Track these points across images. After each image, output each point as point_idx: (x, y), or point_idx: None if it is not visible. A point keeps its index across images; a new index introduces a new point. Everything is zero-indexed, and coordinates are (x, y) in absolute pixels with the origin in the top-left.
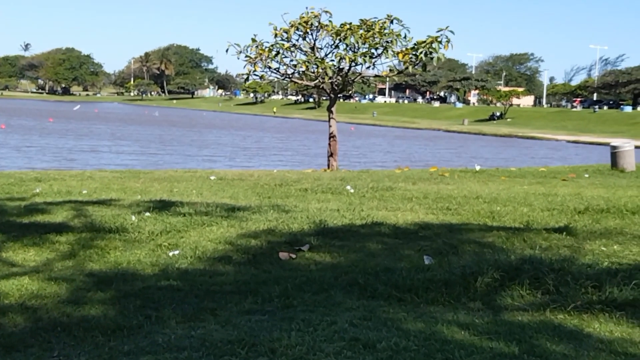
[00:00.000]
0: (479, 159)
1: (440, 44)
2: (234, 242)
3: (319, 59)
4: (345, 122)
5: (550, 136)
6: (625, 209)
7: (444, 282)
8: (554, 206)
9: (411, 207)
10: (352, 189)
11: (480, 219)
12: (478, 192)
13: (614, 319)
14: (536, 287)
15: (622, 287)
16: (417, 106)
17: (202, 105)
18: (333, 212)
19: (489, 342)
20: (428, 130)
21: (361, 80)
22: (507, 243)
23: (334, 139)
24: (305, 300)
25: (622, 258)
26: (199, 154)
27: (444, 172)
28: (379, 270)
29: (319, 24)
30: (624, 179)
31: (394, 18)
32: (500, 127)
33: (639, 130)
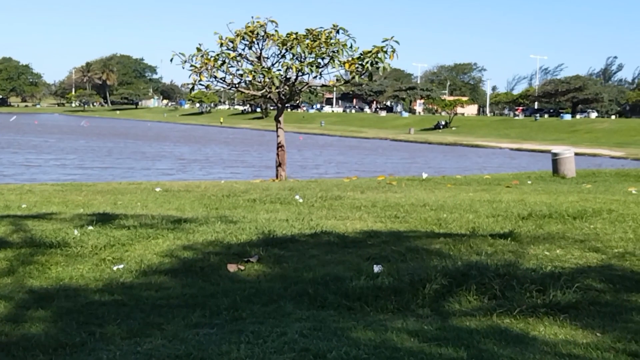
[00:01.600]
0: (425, 167)
1: (385, 53)
2: (181, 255)
3: (266, 69)
4: (293, 131)
5: (494, 144)
6: (567, 214)
7: (393, 289)
8: (498, 212)
9: (360, 216)
10: (301, 199)
11: (428, 226)
12: (425, 199)
13: (558, 322)
14: (483, 292)
15: (565, 290)
16: (364, 115)
17: (146, 116)
18: (282, 222)
19: (438, 348)
20: (375, 139)
21: (308, 89)
22: (454, 249)
23: (282, 149)
24: (254, 312)
25: (564, 262)
26: (144, 167)
27: (392, 181)
28: (329, 280)
29: (265, 34)
30: (565, 185)
31: (340, 28)
32: (446, 135)
33: (579, 137)
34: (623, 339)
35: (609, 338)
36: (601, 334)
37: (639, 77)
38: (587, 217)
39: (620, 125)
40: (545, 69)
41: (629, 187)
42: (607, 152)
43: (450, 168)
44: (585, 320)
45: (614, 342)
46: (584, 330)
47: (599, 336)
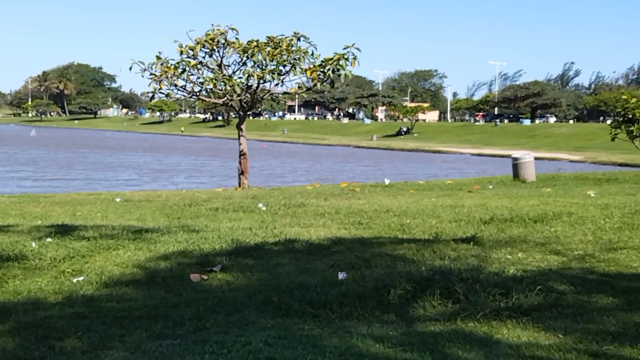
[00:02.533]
0: (388, 173)
1: (347, 61)
2: (143, 266)
3: (227, 77)
4: (255, 139)
5: (455, 150)
6: (528, 217)
7: (358, 296)
8: (461, 217)
9: (324, 223)
10: (264, 207)
11: (391, 232)
12: (388, 205)
13: (521, 325)
14: (447, 296)
15: (528, 293)
16: (327, 123)
17: (105, 125)
18: (245, 230)
19: (403, 353)
20: (338, 146)
21: (270, 97)
22: (418, 255)
23: (244, 157)
24: (218, 322)
25: (526, 265)
26: (103, 177)
27: (355, 187)
28: (293, 288)
29: (225, 41)
30: (526, 189)
31: (301, 35)
32: (408, 141)
33: (538, 142)
34: (585, 339)
35: (571, 339)
36: (563, 336)
37: (595, 82)
38: (547, 220)
39: (578, 130)
40: (504, 75)
41: (587, 190)
42: (566, 156)
43: (412, 174)
44: (547, 322)
45: (576, 343)
46: (547, 332)
47: (561, 338)
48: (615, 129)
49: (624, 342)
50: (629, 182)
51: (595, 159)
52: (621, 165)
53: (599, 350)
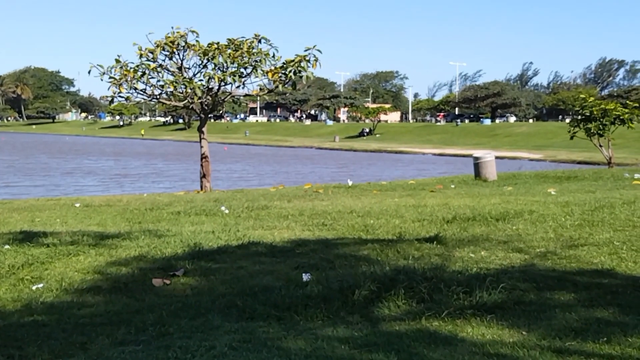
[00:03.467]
0: (351, 174)
1: (308, 62)
2: (104, 271)
3: (187, 79)
4: (217, 142)
5: (417, 150)
6: (490, 216)
7: (323, 297)
8: (424, 217)
9: (287, 225)
10: (226, 210)
11: (355, 233)
12: (352, 206)
13: (485, 322)
14: (411, 296)
15: (491, 291)
16: (289, 124)
17: (64, 130)
18: (208, 234)
19: (369, 354)
20: (301, 148)
21: (231, 99)
22: (382, 255)
23: (206, 160)
24: (181, 327)
25: (489, 263)
26: (62, 182)
27: (318, 189)
28: (257, 291)
29: (185, 44)
30: (487, 188)
31: (262, 37)
32: (370, 142)
33: (499, 141)
34: (548, 336)
35: (535, 336)
36: (527, 333)
37: (554, 81)
38: (509, 218)
39: (537, 129)
40: (464, 75)
41: (548, 188)
42: (526, 154)
43: (375, 174)
44: (511, 319)
45: (539, 339)
46: (510, 330)
47: (524, 335)
48: (574, 127)
49: (586, 337)
50: (589, 180)
51: (555, 157)
52: (580, 163)
53: (562, 346)
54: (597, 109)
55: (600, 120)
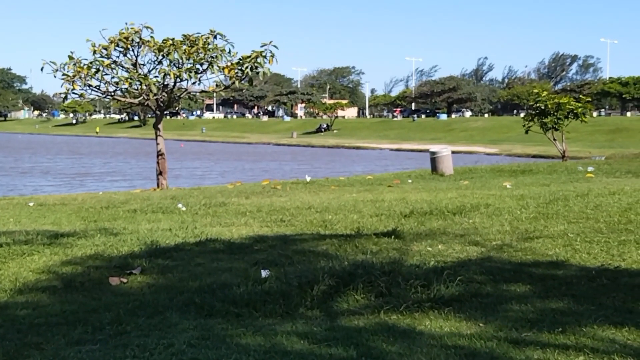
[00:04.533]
0: (309, 170)
1: (265, 58)
2: (59, 271)
3: (142, 76)
4: (173, 139)
5: (374, 145)
6: (447, 210)
7: (281, 293)
8: (381, 211)
9: (245, 221)
10: (184, 207)
11: (314, 229)
12: (310, 202)
13: (442, 315)
14: (370, 290)
15: (448, 284)
16: (246, 121)
17: (16, 128)
18: (165, 231)
19: (328, 348)
20: (258, 144)
21: (187, 96)
22: (340, 250)
23: (162, 157)
24: (139, 325)
25: (446, 256)
26: (14, 182)
27: (276, 185)
28: (216, 288)
29: (140, 40)
30: (444, 182)
31: (218, 33)
32: (328, 138)
33: (455, 136)
34: (504, 327)
35: (492, 328)
36: (484, 324)
37: (508, 76)
38: (466, 212)
39: (493, 123)
40: (420, 71)
41: (503, 182)
42: (482, 149)
43: (333, 170)
44: (468, 312)
45: (497, 331)
46: (468, 322)
47: (482, 326)
48: (529, 121)
49: (542, 328)
50: (543, 173)
51: (510, 151)
52: (535, 156)
53: (518, 337)
54: (551, 103)
55: (554, 115)
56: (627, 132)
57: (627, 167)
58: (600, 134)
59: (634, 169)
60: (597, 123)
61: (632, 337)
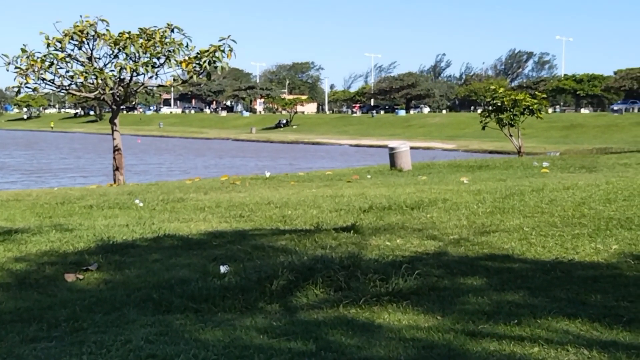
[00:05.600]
0: (268, 165)
1: (223, 52)
2: (13, 268)
3: (98, 69)
4: (130, 134)
5: (334, 141)
6: (405, 205)
7: (241, 288)
8: (341, 207)
9: (204, 217)
10: (141, 203)
11: (273, 224)
12: (269, 198)
13: (401, 308)
14: (329, 284)
15: (406, 277)
16: (205, 116)
17: None
18: (122, 227)
19: (287, 342)
20: (217, 139)
21: (144, 90)
22: (300, 245)
23: (119, 152)
24: (96, 322)
25: (404, 251)
26: None
27: (235, 180)
28: (174, 283)
29: (95, 33)
30: (402, 178)
31: (175, 27)
32: (287, 134)
33: (413, 132)
34: (461, 320)
35: (449, 320)
36: (441, 317)
37: (466, 73)
38: (424, 207)
39: (450, 120)
40: (379, 67)
41: (461, 177)
42: (440, 145)
43: (293, 166)
44: (426, 305)
45: (453, 323)
46: (426, 315)
47: (439, 319)
48: (486, 118)
49: (498, 320)
50: (499, 169)
51: (467, 147)
52: (491, 152)
53: (475, 329)
54: (508, 100)
55: (510, 111)
56: (581, 129)
57: (581, 162)
58: (555, 130)
59: (588, 165)
60: (552, 119)
61: (585, 328)
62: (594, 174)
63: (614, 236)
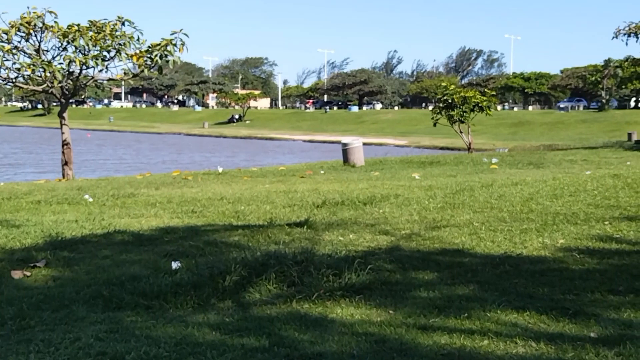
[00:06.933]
0: (221, 160)
1: (175, 46)
2: None
3: (46, 62)
4: (80, 128)
5: (287, 136)
6: (358, 200)
7: (193, 284)
8: (294, 202)
9: (155, 213)
10: (90, 198)
11: (226, 219)
12: (222, 193)
13: (354, 303)
14: (282, 280)
15: (359, 272)
16: (156, 110)
17: None
18: (71, 223)
19: (240, 338)
20: (169, 134)
21: (94, 84)
22: (253, 240)
23: (67, 147)
24: (44, 319)
25: (357, 245)
26: None
27: (187, 176)
28: (124, 280)
29: (43, 25)
30: (355, 173)
31: (126, 20)
32: (240, 129)
33: (366, 128)
34: (413, 314)
35: (401, 315)
36: (393, 312)
37: (417, 70)
38: (376, 202)
39: (402, 116)
40: (332, 63)
41: (412, 173)
42: (392, 141)
43: (246, 161)
44: (378, 299)
45: (406, 317)
46: (378, 309)
47: (391, 314)
48: (437, 114)
49: (449, 314)
50: (450, 165)
51: (418, 143)
52: (442, 148)
53: (426, 323)
54: (458, 97)
55: (461, 108)
56: (528, 126)
57: (529, 158)
58: (504, 127)
59: (535, 161)
60: (501, 116)
61: (533, 321)
62: (542, 170)
63: (560, 231)
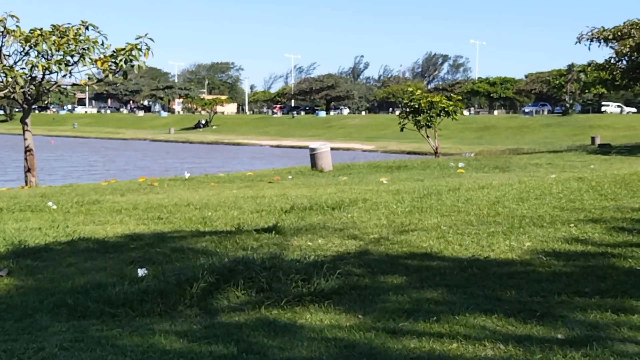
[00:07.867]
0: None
1: (140, 51)
2: None
3: (8, 67)
4: (43, 134)
5: (254, 142)
6: (326, 205)
7: (159, 291)
8: (262, 207)
9: (121, 219)
10: (54, 205)
11: (193, 226)
12: (189, 199)
13: (323, 308)
14: (250, 286)
15: (328, 277)
16: (121, 116)
17: None
18: (34, 231)
19: (208, 346)
20: (134, 140)
21: (57, 89)
22: (220, 246)
23: (30, 153)
24: (6, 329)
25: (326, 250)
26: None
27: (153, 182)
28: (89, 288)
29: (4, 29)
30: (323, 178)
31: (90, 24)
32: (207, 134)
33: (334, 133)
34: (382, 318)
35: (370, 319)
36: (362, 316)
37: (384, 75)
38: (344, 207)
39: (370, 121)
40: (299, 68)
41: (380, 178)
42: (360, 145)
43: (213, 166)
44: (347, 304)
45: (374, 322)
46: (347, 314)
47: (360, 318)
48: (404, 119)
49: (418, 318)
50: (417, 169)
51: (386, 148)
52: (409, 153)
53: (395, 327)
54: (424, 102)
55: (427, 112)
56: (494, 130)
57: (495, 162)
58: (470, 131)
59: (501, 165)
60: (467, 121)
61: (501, 324)
62: (507, 174)
63: (527, 234)
